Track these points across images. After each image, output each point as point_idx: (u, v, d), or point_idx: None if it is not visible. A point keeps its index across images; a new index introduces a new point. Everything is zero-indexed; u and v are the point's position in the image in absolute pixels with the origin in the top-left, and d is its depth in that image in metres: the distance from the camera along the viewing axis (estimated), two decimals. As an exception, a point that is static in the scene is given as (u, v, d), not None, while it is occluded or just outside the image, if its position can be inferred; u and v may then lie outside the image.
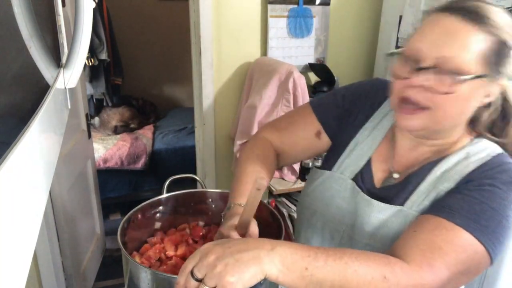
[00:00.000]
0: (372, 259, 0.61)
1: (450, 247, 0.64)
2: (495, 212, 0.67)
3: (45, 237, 1.77)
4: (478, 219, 0.66)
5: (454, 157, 0.76)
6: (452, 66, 0.67)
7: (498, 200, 0.68)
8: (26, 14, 0.47)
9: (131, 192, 3.14)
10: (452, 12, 0.69)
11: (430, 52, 0.69)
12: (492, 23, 0.68)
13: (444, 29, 0.69)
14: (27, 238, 0.40)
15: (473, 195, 0.69)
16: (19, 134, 0.40)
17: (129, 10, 3.89)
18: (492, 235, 0.65)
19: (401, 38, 1.87)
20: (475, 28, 0.67)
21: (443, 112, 0.70)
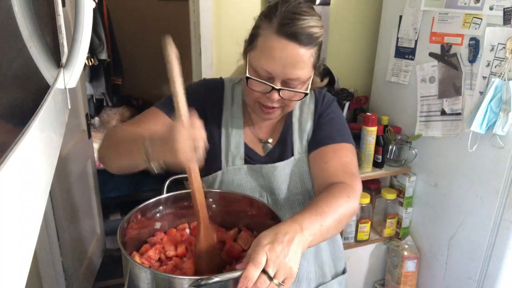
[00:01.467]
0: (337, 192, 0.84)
1: (349, 157, 0.96)
2: (342, 121, 1.04)
3: (45, 237, 1.77)
4: (342, 132, 1.01)
5: (295, 107, 1.03)
6: (294, 82, 0.89)
7: (339, 114, 1.05)
8: (26, 14, 0.47)
9: (131, 192, 3.13)
10: (292, 39, 0.85)
11: (280, 74, 0.88)
12: (317, 36, 0.88)
13: (288, 56, 0.86)
14: (27, 238, 0.40)
15: (329, 122, 1.02)
16: (19, 134, 0.40)
17: (129, 10, 3.89)
18: (349, 134, 1.02)
19: (401, 38, 1.87)
20: (308, 50, 0.87)
21: (291, 107, 0.98)
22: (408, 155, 1.88)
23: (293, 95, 0.92)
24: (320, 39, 0.90)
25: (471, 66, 1.57)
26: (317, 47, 0.89)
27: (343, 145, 0.98)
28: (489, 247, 1.59)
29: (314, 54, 0.89)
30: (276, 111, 0.96)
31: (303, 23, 0.86)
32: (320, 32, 0.89)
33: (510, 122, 1.43)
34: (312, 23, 0.87)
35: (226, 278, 0.67)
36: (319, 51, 0.91)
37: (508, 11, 1.42)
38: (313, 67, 0.91)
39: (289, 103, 0.94)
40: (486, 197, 1.58)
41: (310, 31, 0.86)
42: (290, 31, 0.85)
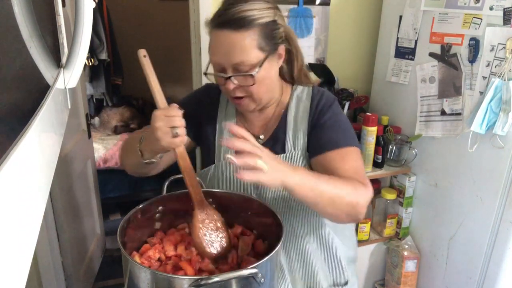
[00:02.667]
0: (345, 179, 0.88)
1: (357, 161, 0.96)
2: (346, 124, 1.02)
3: (45, 237, 1.77)
4: (346, 135, 1.00)
5: (292, 103, 1.05)
6: (243, 67, 0.91)
7: (340, 116, 1.02)
8: (26, 14, 0.47)
9: (131, 192, 3.13)
10: (224, 27, 0.90)
11: (225, 63, 0.93)
12: (253, 18, 0.89)
13: (225, 43, 0.91)
14: (27, 238, 0.40)
15: (332, 125, 1.00)
16: (19, 134, 0.40)
17: (129, 10, 3.88)
18: (354, 137, 1.01)
19: (401, 38, 1.87)
20: (243, 33, 0.89)
21: (258, 93, 0.96)
22: (408, 155, 1.88)
23: (245, 79, 0.93)
24: (259, 21, 0.90)
25: (471, 66, 1.57)
26: (258, 28, 0.90)
27: (349, 149, 0.97)
28: (489, 247, 1.59)
29: (255, 36, 0.90)
30: (245, 101, 0.98)
31: (234, 10, 0.90)
32: (257, 14, 0.90)
33: (510, 122, 1.43)
34: (246, 8, 0.90)
35: (226, 278, 0.68)
36: (264, 32, 0.91)
37: (508, 11, 1.42)
38: (260, 49, 0.91)
39: (251, 90, 0.95)
40: (486, 197, 1.58)
41: (241, 15, 0.89)
42: (222, 20, 0.91)
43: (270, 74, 0.97)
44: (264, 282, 0.73)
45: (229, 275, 0.68)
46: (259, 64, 0.92)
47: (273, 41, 0.94)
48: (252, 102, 0.99)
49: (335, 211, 0.85)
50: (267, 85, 0.98)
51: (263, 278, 0.72)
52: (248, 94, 0.97)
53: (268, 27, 0.92)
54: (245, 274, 0.69)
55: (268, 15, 0.93)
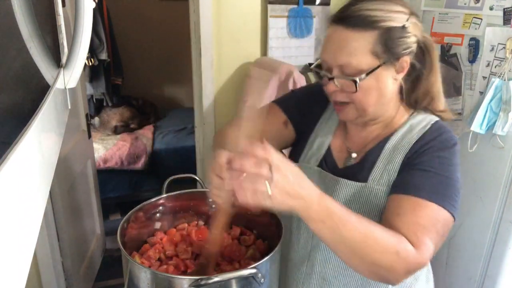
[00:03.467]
0: (388, 232, 0.71)
1: (430, 222, 0.76)
2: (449, 179, 0.80)
3: (45, 237, 1.77)
4: (439, 190, 0.79)
5: (400, 131, 0.89)
6: (349, 70, 0.81)
7: (447, 167, 0.81)
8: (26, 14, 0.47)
9: (131, 192, 3.13)
10: (339, 23, 0.81)
11: (332, 62, 0.82)
12: (374, 20, 0.79)
13: (336, 40, 0.82)
14: (27, 238, 0.40)
15: (427, 169, 0.81)
16: (19, 134, 0.40)
17: (129, 10, 3.89)
18: (451, 200, 0.79)
19: (401, 38, 1.87)
20: (358, 33, 0.79)
21: (361, 103, 0.84)
22: (408, 155, 1.88)
23: (348, 84, 0.82)
24: (382, 24, 0.78)
25: (471, 66, 1.57)
26: (377, 32, 0.78)
27: (430, 205, 0.77)
28: (489, 247, 1.59)
29: (371, 39, 0.78)
30: (346, 108, 0.86)
31: (356, 6, 0.80)
32: (381, 16, 0.79)
33: (510, 122, 1.43)
34: (370, 6, 0.79)
35: (226, 278, 0.68)
36: (385, 37, 0.79)
37: (508, 11, 1.42)
38: (374, 54, 0.79)
39: (354, 97, 0.83)
40: (486, 197, 1.58)
41: (362, 14, 0.79)
42: (340, 16, 0.82)
43: (382, 86, 0.83)
44: (264, 282, 0.73)
45: (229, 275, 0.68)
46: (368, 71, 0.80)
47: (395, 49, 0.80)
48: (354, 111, 0.86)
49: (357, 265, 0.72)
50: (375, 98, 0.84)
51: (263, 278, 0.72)
52: (351, 101, 0.84)
53: (392, 33, 0.79)
54: (245, 274, 0.70)
55: (396, 19, 0.80)
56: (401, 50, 0.81)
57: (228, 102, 2.13)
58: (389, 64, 0.81)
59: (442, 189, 0.79)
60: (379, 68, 0.80)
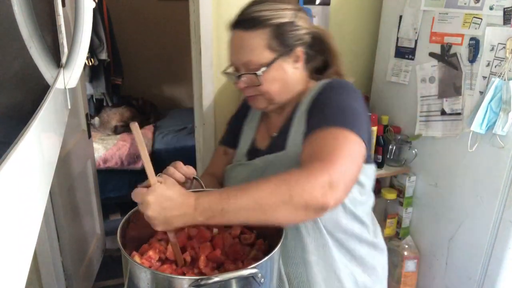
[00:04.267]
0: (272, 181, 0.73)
1: (325, 143, 0.80)
2: (337, 104, 0.88)
3: (45, 237, 1.77)
4: (332, 116, 0.85)
5: (306, 99, 0.97)
6: (252, 67, 0.92)
7: (336, 96, 0.90)
8: (26, 14, 0.47)
9: (131, 192, 3.13)
10: (237, 27, 0.94)
11: (237, 62, 0.95)
12: (264, 19, 0.90)
13: (236, 43, 0.94)
14: (27, 238, 0.40)
15: (320, 108, 0.90)
16: (19, 134, 0.40)
17: (129, 10, 3.89)
18: (346, 119, 0.83)
19: (401, 38, 1.87)
20: (253, 32, 0.91)
21: (268, 94, 0.95)
22: (408, 155, 1.88)
23: (252, 78, 0.93)
24: (272, 21, 0.91)
25: (471, 66, 1.57)
26: (269, 29, 0.91)
27: (327, 130, 0.82)
28: (489, 247, 1.59)
29: (264, 36, 0.91)
30: (256, 99, 0.98)
31: (248, 10, 0.93)
32: (270, 15, 0.91)
33: (510, 122, 1.43)
34: (259, 8, 0.92)
35: (226, 278, 0.68)
36: (277, 33, 0.91)
37: (508, 11, 1.42)
38: (270, 49, 0.91)
39: (260, 89, 0.94)
40: (486, 197, 1.58)
41: (253, 15, 0.91)
42: (236, 21, 0.94)
43: (283, 76, 0.95)
44: (264, 282, 0.73)
45: (229, 275, 0.68)
46: (267, 65, 0.92)
47: (288, 42, 0.93)
48: (263, 101, 0.98)
49: (272, 216, 0.73)
50: (279, 87, 0.95)
51: (263, 278, 0.72)
52: (258, 93, 0.96)
53: (282, 28, 0.92)
54: (245, 274, 0.69)
55: (284, 16, 0.92)
56: (293, 42, 0.93)
57: (228, 102, 2.13)
58: (285, 55, 0.93)
59: (334, 113, 0.85)
60: (277, 60, 0.92)
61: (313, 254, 0.97)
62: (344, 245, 0.99)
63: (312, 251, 0.97)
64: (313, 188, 0.71)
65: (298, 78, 0.98)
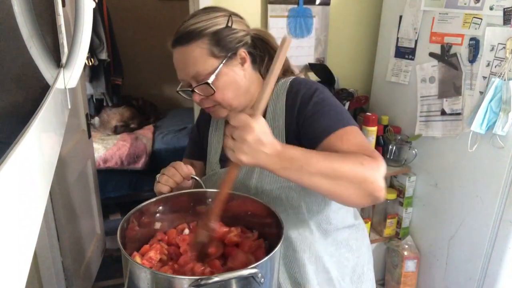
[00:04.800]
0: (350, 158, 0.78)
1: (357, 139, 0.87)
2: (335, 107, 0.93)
3: (45, 237, 1.77)
4: (340, 116, 0.91)
5: (270, 102, 1.00)
6: (201, 78, 0.93)
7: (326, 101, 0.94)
8: (26, 14, 0.47)
9: (131, 192, 3.13)
10: (176, 44, 0.95)
11: (186, 77, 0.96)
12: (199, 30, 0.92)
13: (180, 59, 0.95)
14: (27, 238, 0.40)
15: (322, 112, 0.92)
16: (19, 134, 0.40)
17: (129, 10, 3.89)
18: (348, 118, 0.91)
19: (401, 38, 1.87)
20: (192, 45, 0.92)
21: (224, 101, 0.96)
22: (408, 155, 1.88)
23: (205, 89, 0.94)
24: (207, 30, 0.92)
25: (471, 66, 1.57)
26: (207, 37, 0.92)
27: (345, 129, 0.89)
28: (489, 247, 1.59)
29: (204, 45, 0.92)
30: (215, 109, 0.99)
31: (182, 27, 0.94)
32: (204, 25, 0.92)
33: (510, 122, 1.43)
34: (192, 22, 0.93)
35: (226, 278, 0.68)
36: (215, 39, 0.92)
37: (508, 11, 1.42)
38: (213, 56, 0.92)
39: (215, 98, 0.95)
40: (486, 197, 1.58)
41: (188, 30, 0.93)
42: (174, 39, 0.96)
43: (233, 79, 0.95)
44: (264, 282, 0.73)
45: (229, 275, 0.68)
46: (215, 71, 0.92)
47: (229, 46, 0.93)
48: (222, 109, 0.98)
49: (341, 191, 0.77)
50: (233, 90, 0.96)
51: (263, 278, 0.72)
52: (215, 103, 0.97)
53: (220, 34, 0.93)
54: (245, 274, 0.69)
55: (218, 22, 0.94)
56: (234, 44, 0.94)
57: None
58: (230, 59, 0.94)
59: (339, 115, 0.92)
60: (223, 66, 0.93)
61: (303, 251, 1.01)
62: (330, 235, 1.03)
63: (302, 249, 1.01)
64: (381, 179, 0.77)
65: (249, 79, 0.98)
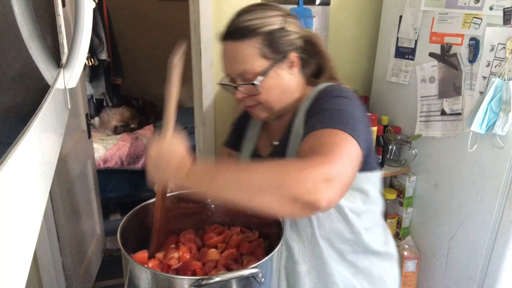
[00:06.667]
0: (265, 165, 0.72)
1: (323, 140, 0.76)
2: (340, 111, 0.84)
3: (45, 237, 1.77)
4: (330, 120, 0.81)
5: (304, 105, 0.94)
6: (248, 76, 0.91)
7: (333, 100, 0.87)
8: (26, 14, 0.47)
9: (131, 192, 3.13)
10: (228, 39, 0.93)
11: (232, 73, 0.94)
12: (254, 28, 0.89)
13: (229, 54, 0.93)
14: (27, 238, 0.40)
15: (317, 110, 0.86)
16: (19, 134, 0.40)
17: (129, 10, 3.88)
18: (346, 123, 0.79)
19: (401, 38, 1.87)
20: (244, 42, 0.89)
21: (267, 103, 0.94)
22: (408, 155, 1.88)
23: (250, 88, 0.92)
24: (262, 29, 0.89)
25: (471, 66, 1.57)
26: (260, 37, 0.89)
27: (331, 131, 0.78)
28: (489, 247, 1.59)
29: (257, 44, 0.89)
30: (256, 109, 0.97)
31: (237, 21, 0.92)
32: (260, 23, 0.89)
33: (510, 122, 1.43)
34: (248, 17, 0.91)
35: (226, 278, 0.68)
36: (268, 40, 0.89)
37: (508, 11, 1.42)
38: (263, 57, 0.90)
39: (259, 98, 0.93)
40: (486, 197, 1.58)
41: (242, 25, 0.90)
42: (226, 32, 0.93)
43: (280, 83, 0.93)
44: (264, 282, 0.73)
45: (230, 275, 0.68)
46: (263, 73, 0.90)
47: (280, 48, 0.91)
48: (263, 111, 0.96)
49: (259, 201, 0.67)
50: (278, 94, 0.93)
51: (263, 278, 0.72)
52: (258, 103, 0.95)
53: (274, 35, 0.90)
54: (246, 274, 0.70)
55: (274, 22, 0.90)
56: (285, 47, 0.91)
57: (228, 102, 2.13)
58: (280, 62, 0.91)
59: (333, 118, 0.81)
60: (273, 68, 0.91)
61: (304, 263, 0.94)
62: (346, 257, 0.95)
63: (303, 260, 0.94)
64: (306, 180, 0.64)
65: (295, 84, 0.96)
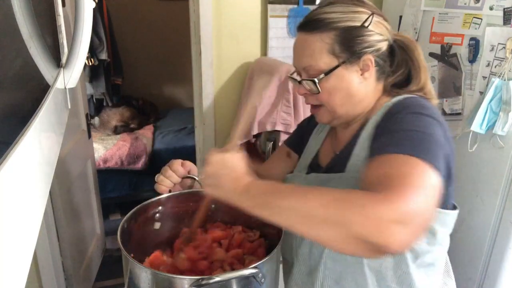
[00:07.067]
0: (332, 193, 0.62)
1: (396, 170, 0.64)
2: (419, 133, 0.71)
3: (45, 237, 1.77)
4: (406, 143, 0.69)
5: (375, 116, 0.83)
6: (311, 72, 0.83)
7: (415, 123, 0.73)
8: (26, 14, 0.47)
9: (131, 192, 3.13)
10: (301, 29, 0.85)
11: (298, 66, 0.86)
12: (330, 21, 0.81)
13: (298, 45, 0.86)
14: (27, 238, 0.40)
15: (391, 129, 0.74)
16: (19, 134, 0.40)
17: (129, 10, 3.89)
18: (425, 150, 0.67)
19: (401, 38, 1.87)
20: (315, 35, 0.81)
21: (329, 104, 0.85)
22: (408, 155, 1.88)
23: (312, 85, 0.83)
24: (338, 24, 0.80)
25: (471, 66, 1.57)
26: (334, 32, 0.80)
27: (394, 156, 0.67)
28: (489, 247, 1.59)
29: (328, 39, 0.80)
30: (319, 111, 0.87)
31: (314, 12, 0.84)
32: (337, 17, 0.80)
33: (510, 122, 1.43)
34: (326, 10, 0.82)
35: (226, 278, 0.68)
36: (342, 37, 0.80)
37: (508, 11, 1.42)
38: (332, 54, 0.81)
39: (320, 98, 0.84)
40: (486, 197, 1.58)
41: (318, 17, 0.82)
42: (302, 22, 0.85)
43: (346, 85, 0.82)
44: (264, 282, 0.73)
45: (230, 275, 0.68)
46: (328, 71, 0.81)
47: (355, 48, 0.80)
48: (326, 113, 0.87)
49: (317, 233, 0.61)
50: (342, 98, 0.83)
51: (263, 278, 0.72)
52: (318, 104, 0.86)
53: (350, 32, 0.80)
54: (246, 274, 0.70)
55: (355, 19, 0.81)
56: (361, 48, 0.81)
57: (228, 102, 2.13)
58: (350, 63, 0.81)
59: (411, 142, 0.69)
60: (340, 67, 0.81)
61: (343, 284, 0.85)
62: None
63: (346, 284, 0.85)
64: (376, 219, 0.56)
65: (366, 90, 0.84)
